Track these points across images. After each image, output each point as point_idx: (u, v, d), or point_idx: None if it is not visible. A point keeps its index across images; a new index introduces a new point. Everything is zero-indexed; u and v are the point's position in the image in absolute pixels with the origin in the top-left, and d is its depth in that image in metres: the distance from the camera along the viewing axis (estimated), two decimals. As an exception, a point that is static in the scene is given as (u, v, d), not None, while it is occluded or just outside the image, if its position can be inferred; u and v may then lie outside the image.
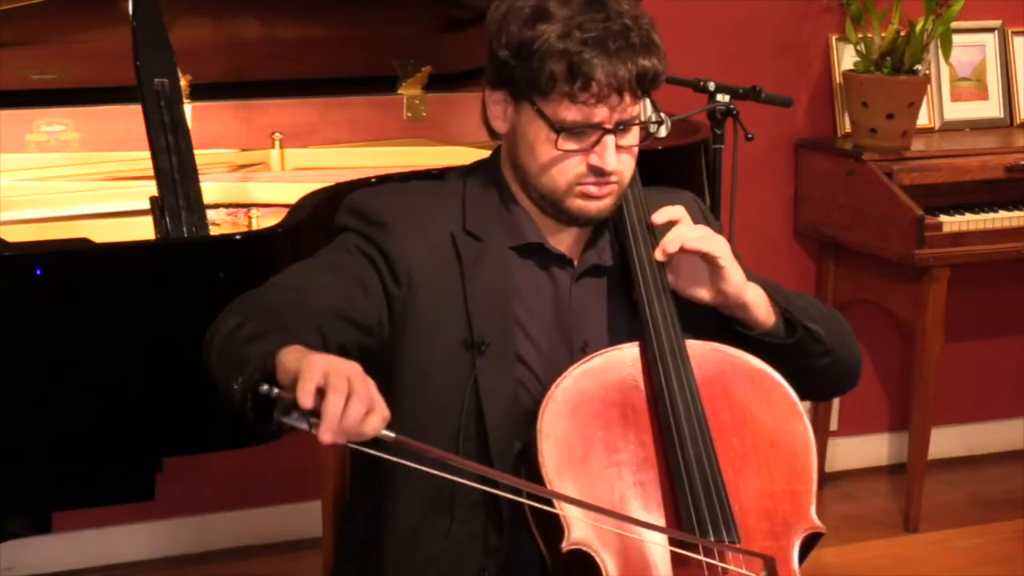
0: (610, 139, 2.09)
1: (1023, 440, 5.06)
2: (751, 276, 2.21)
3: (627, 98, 2.08)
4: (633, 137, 2.13)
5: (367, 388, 1.81)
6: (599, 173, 2.10)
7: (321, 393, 1.78)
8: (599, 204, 2.13)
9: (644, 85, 2.08)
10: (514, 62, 2.09)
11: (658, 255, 2.16)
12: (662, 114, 2.16)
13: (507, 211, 2.19)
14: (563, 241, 2.20)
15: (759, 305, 2.18)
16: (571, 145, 2.09)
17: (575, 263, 2.21)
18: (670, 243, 2.15)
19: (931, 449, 4.47)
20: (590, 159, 2.10)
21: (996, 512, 4.49)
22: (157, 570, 4.11)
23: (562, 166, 2.11)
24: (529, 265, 2.19)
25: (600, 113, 2.07)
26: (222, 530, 4.20)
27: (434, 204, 2.18)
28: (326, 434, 1.79)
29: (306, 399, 1.78)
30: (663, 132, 2.19)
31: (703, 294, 2.18)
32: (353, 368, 1.82)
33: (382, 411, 1.81)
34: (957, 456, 4.95)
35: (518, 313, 2.16)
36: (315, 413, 1.79)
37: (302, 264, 2.17)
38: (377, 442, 1.84)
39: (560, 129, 2.08)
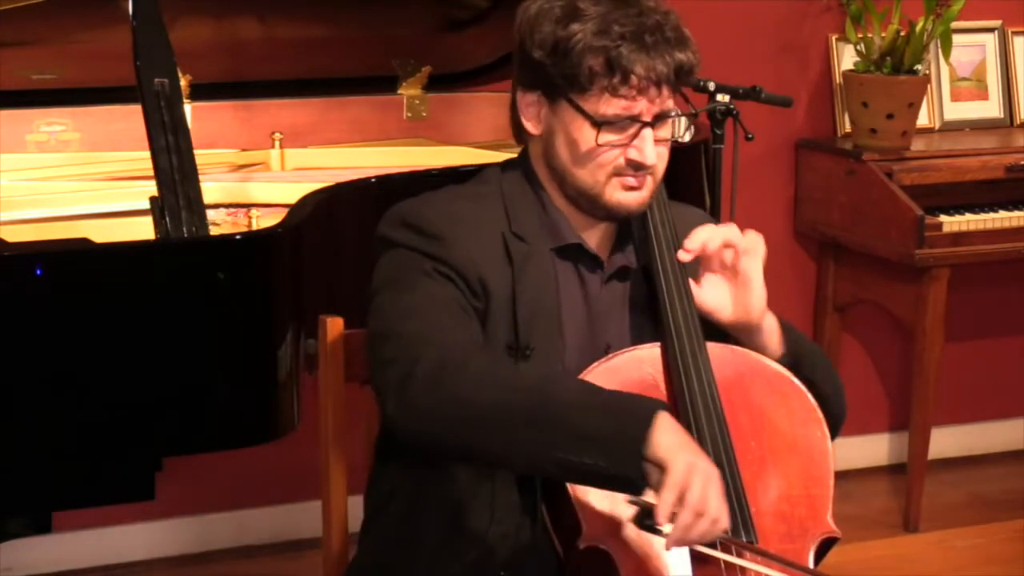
0: (648, 132, 2.11)
1: (1023, 440, 5.07)
2: None
3: (665, 91, 2.10)
4: (668, 130, 2.15)
5: (719, 501, 1.88)
6: (637, 167, 2.12)
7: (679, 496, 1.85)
8: (638, 196, 2.14)
9: (681, 78, 2.12)
10: (550, 61, 2.10)
11: (681, 255, 2.15)
12: (683, 118, 2.17)
13: (544, 212, 2.19)
14: (593, 239, 2.20)
15: (771, 335, 2.19)
16: (611, 139, 2.10)
17: (604, 265, 2.21)
18: (692, 241, 2.14)
19: (931, 449, 4.47)
20: (628, 153, 2.11)
21: (996, 512, 4.48)
22: (157, 570, 4.10)
23: (600, 160, 2.11)
24: (567, 267, 2.19)
25: (639, 106, 2.09)
26: (222, 530, 4.20)
27: (481, 209, 2.18)
28: (671, 544, 1.88)
29: (664, 519, 1.86)
30: (687, 137, 2.20)
31: (724, 311, 2.17)
32: (713, 477, 1.89)
33: (724, 520, 1.90)
34: (957, 456, 4.95)
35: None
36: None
37: (404, 305, 2.09)
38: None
39: (600, 123, 2.09)
